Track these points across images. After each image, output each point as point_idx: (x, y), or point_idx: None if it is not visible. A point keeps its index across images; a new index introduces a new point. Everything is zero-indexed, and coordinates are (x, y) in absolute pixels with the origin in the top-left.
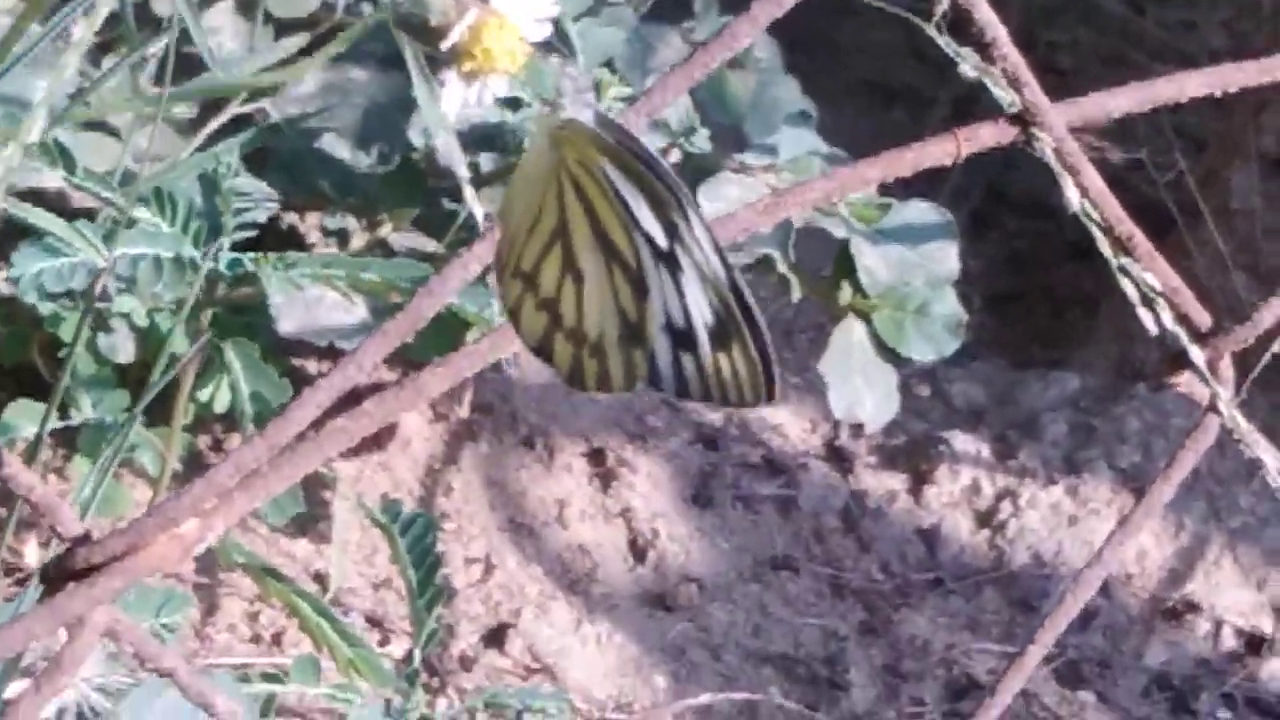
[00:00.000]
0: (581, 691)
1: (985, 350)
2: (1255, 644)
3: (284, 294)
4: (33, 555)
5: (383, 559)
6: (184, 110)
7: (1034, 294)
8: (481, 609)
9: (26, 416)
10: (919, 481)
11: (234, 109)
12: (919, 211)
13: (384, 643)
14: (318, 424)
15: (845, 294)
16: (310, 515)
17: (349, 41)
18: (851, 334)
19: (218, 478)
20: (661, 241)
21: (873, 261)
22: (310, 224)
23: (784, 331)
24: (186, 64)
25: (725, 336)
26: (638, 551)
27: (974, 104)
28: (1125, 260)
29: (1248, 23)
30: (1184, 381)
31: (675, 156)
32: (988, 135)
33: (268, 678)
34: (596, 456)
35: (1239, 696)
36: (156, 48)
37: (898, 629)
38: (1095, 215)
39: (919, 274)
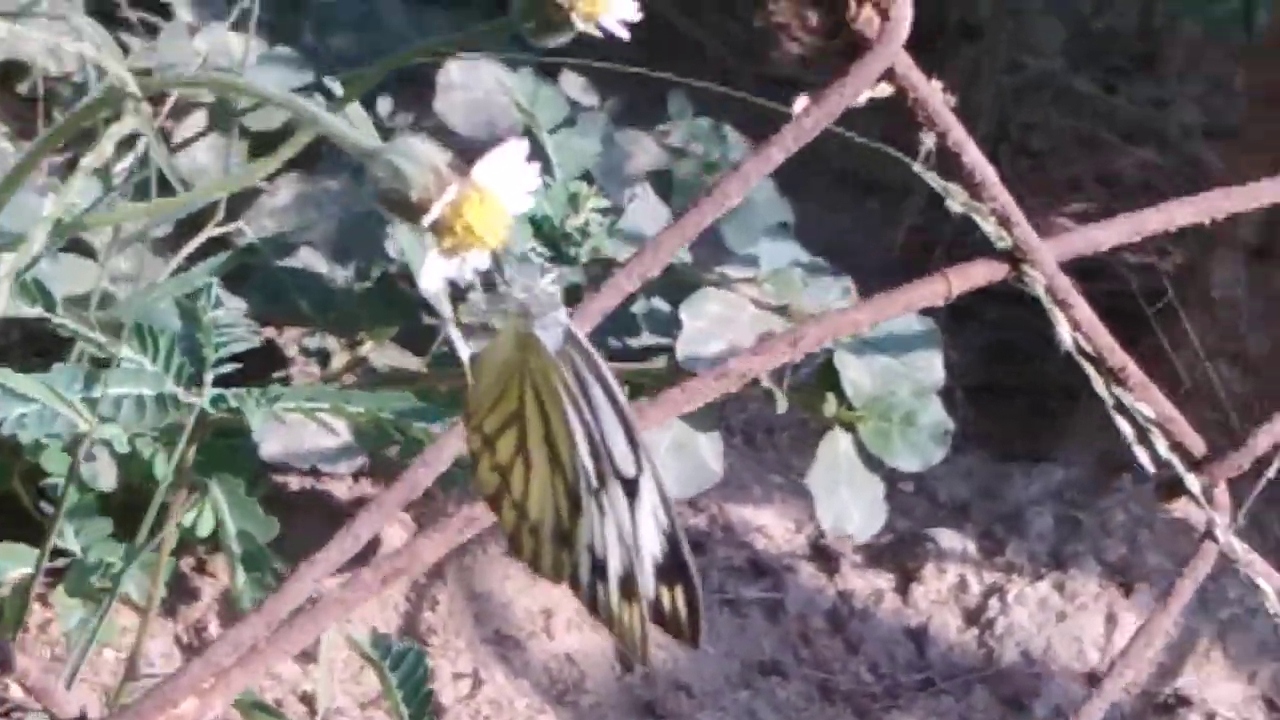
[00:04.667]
0: None
1: (968, 444)
2: None
3: (268, 425)
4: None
5: (370, 677)
6: (160, 230)
7: (1016, 386)
8: None
9: (10, 556)
10: (906, 580)
11: (211, 229)
12: (903, 321)
13: None
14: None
15: (830, 405)
16: None
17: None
18: (837, 445)
19: (215, 656)
20: (593, 483)
21: (857, 373)
22: (289, 338)
23: (766, 429)
24: (163, 184)
25: (632, 589)
26: (625, 661)
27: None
28: (1118, 390)
29: (1219, 99)
30: (1179, 506)
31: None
32: (979, 274)
33: None
34: None
35: None
36: (126, 164)
37: None
38: (1087, 349)
39: (904, 384)
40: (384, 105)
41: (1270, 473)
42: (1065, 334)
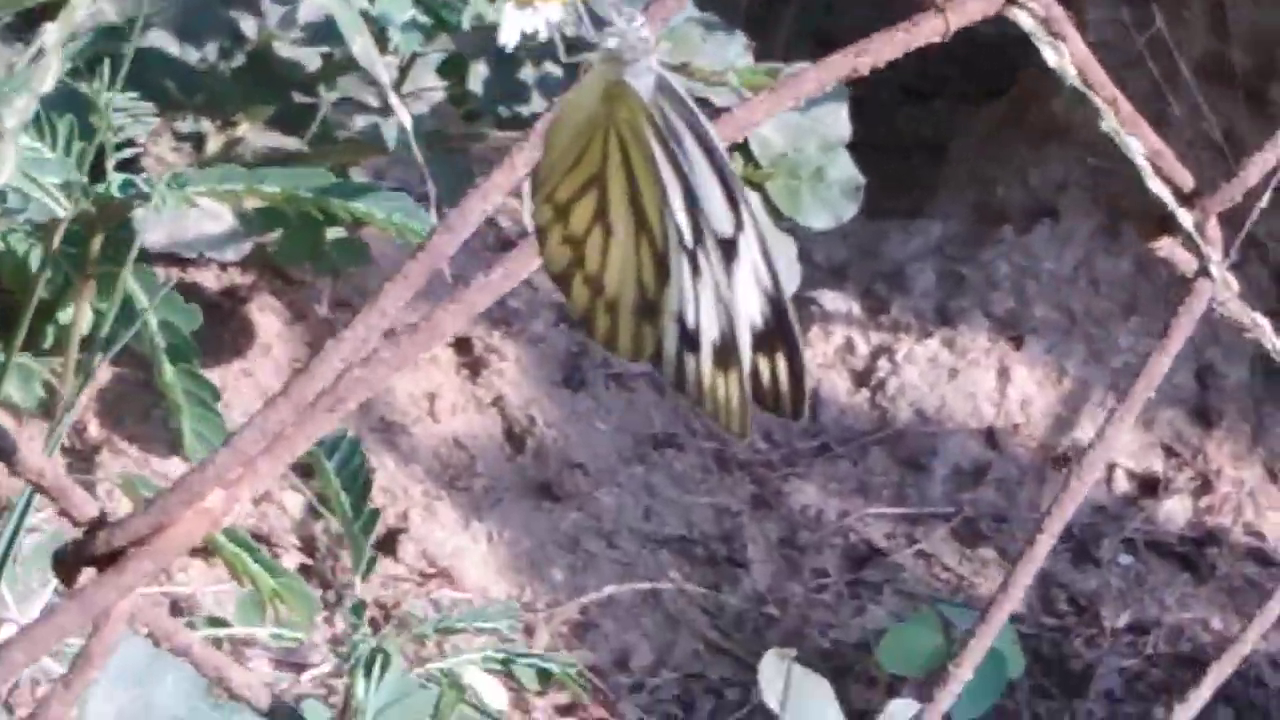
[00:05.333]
0: (480, 592)
1: None
2: (1149, 485)
3: (175, 211)
4: None
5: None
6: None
7: (875, 141)
8: None
9: None
10: None
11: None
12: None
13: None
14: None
15: (738, 164)
16: (180, 431)
17: None
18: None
19: (242, 444)
20: (688, 238)
21: (766, 130)
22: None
23: None
24: None
25: (727, 360)
26: (515, 441)
27: None
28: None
29: None
30: (1164, 246)
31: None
32: (975, 8)
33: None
34: (462, 345)
35: (1139, 540)
36: None
37: (789, 500)
38: (1076, 76)
39: (812, 140)
40: None
41: (1263, 203)
42: (1067, 67)
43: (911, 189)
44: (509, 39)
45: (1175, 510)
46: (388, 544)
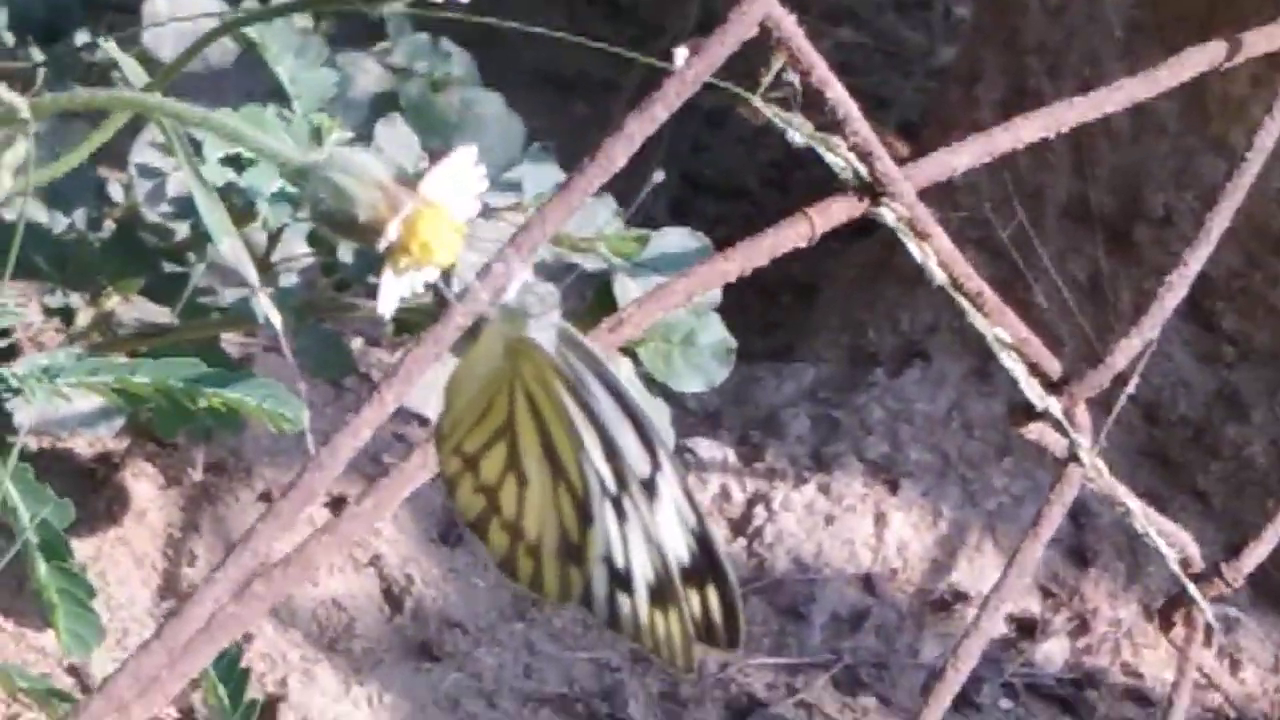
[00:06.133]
0: None
1: None
2: (1027, 627)
3: (48, 404)
4: None
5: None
6: None
7: (744, 282)
8: None
9: None
10: None
11: None
12: (677, 239)
13: None
14: None
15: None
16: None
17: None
18: (619, 372)
19: (115, 690)
20: (610, 486)
21: (636, 294)
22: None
23: None
24: None
25: (664, 599)
26: (394, 600)
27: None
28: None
29: None
30: (1035, 430)
31: None
32: (839, 211)
33: None
34: (337, 505)
35: (1018, 684)
36: None
37: None
38: (943, 277)
39: None
40: (81, 37)
41: (1129, 388)
42: (933, 267)
43: (780, 329)
44: (387, 309)
45: (1054, 652)
46: (267, 712)
